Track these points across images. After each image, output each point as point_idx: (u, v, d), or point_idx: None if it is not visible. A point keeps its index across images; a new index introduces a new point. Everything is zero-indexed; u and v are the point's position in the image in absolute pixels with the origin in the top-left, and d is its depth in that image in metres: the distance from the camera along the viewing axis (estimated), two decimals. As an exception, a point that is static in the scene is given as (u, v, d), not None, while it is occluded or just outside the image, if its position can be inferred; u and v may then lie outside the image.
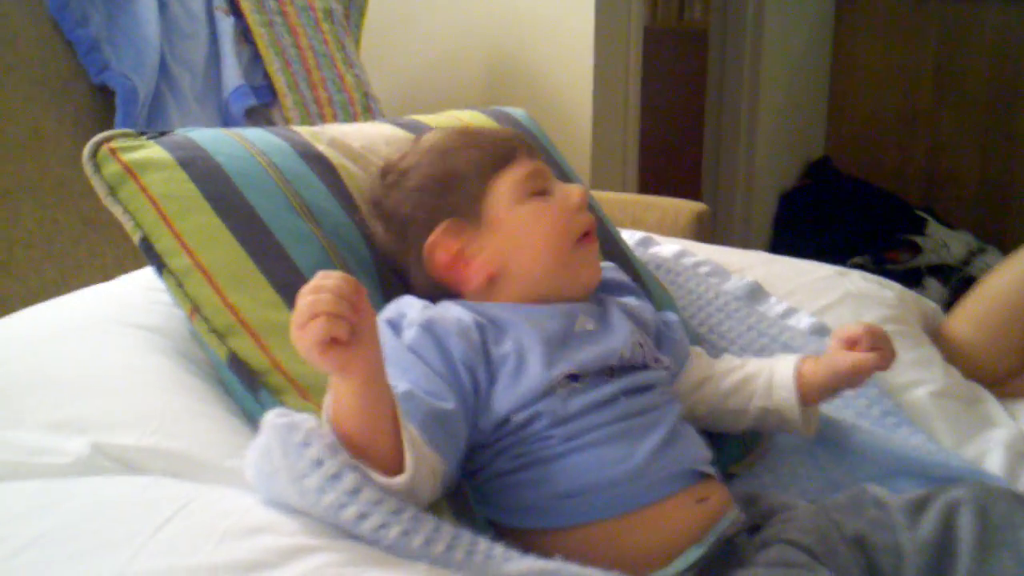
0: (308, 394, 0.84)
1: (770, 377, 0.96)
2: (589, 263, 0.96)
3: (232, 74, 1.78)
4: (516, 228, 0.92)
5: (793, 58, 3.22)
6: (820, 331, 1.15)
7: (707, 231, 1.68)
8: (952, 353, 1.17)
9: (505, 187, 0.93)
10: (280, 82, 1.86)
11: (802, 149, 3.46)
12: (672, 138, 3.12)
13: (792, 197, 3.31)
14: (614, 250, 1.18)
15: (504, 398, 0.82)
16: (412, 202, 0.94)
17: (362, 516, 0.65)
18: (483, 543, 0.67)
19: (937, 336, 1.20)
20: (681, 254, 1.29)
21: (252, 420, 0.87)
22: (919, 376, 1.11)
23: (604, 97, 2.23)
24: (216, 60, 1.77)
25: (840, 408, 1.05)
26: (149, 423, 0.80)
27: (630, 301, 1.00)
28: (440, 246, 0.92)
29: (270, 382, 0.86)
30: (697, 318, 1.19)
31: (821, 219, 3.18)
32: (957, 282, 2.83)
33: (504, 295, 0.92)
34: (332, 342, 0.64)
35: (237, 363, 0.87)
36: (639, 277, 1.15)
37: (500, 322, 0.87)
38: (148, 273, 1.00)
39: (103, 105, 1.58)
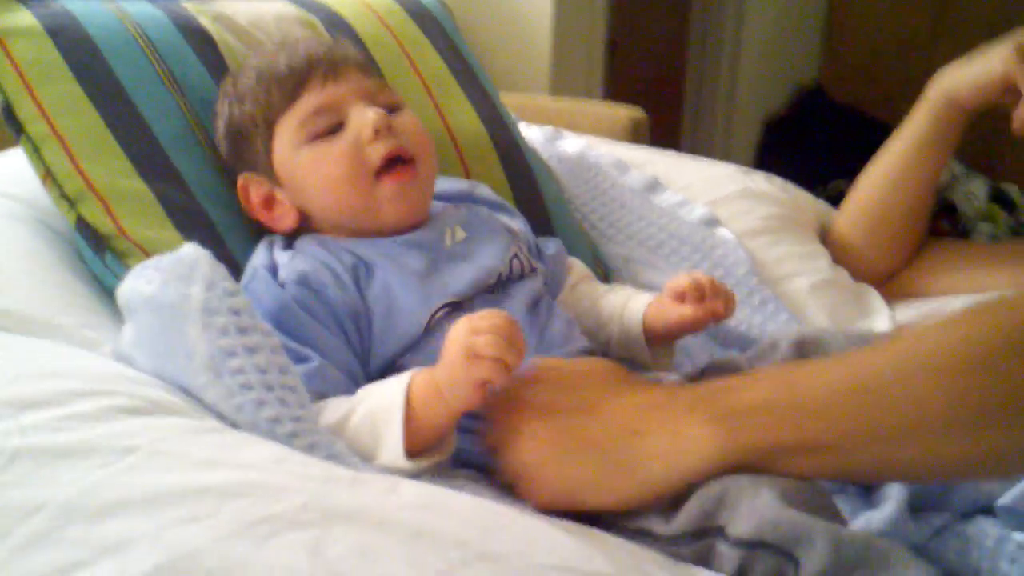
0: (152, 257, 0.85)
1: (622, 311, 0.93)
2: (395, 198, 0.87)
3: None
4: (300, 178, 0.89)
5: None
6: (710, 222, 1.14)
7: (644, 140, 1.63)
8: (836, 252, 1.16)
9: (287, 134, 0.89)
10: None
11: (792, 75, 3.38)
12: (654, 52, 3.05)
13: (777, 126, 3.24)
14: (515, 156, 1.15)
15: (386, 341, 0.81)
16: (224, 147, 0.95)
17: (239, 371, 0.67)
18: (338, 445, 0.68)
19: (825, 238, 1.19)
20: (585, 152, 1.26)
21: (100, 283, 0.90)
22: (800, 267, 1.10)
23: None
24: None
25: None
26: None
27: (501, 217, 0.97)
28: (248, 191, 0.91)
29: (116, 246, 0.88)
30: (590, 206, 1.17)
31: (807, 149, 3.12)
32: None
33: (327, 233, 0.90)
34: (486, 384, 0.67)
35: (84, 227, 0.89)
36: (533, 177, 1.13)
37: (365, 260, 0.84)
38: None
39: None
